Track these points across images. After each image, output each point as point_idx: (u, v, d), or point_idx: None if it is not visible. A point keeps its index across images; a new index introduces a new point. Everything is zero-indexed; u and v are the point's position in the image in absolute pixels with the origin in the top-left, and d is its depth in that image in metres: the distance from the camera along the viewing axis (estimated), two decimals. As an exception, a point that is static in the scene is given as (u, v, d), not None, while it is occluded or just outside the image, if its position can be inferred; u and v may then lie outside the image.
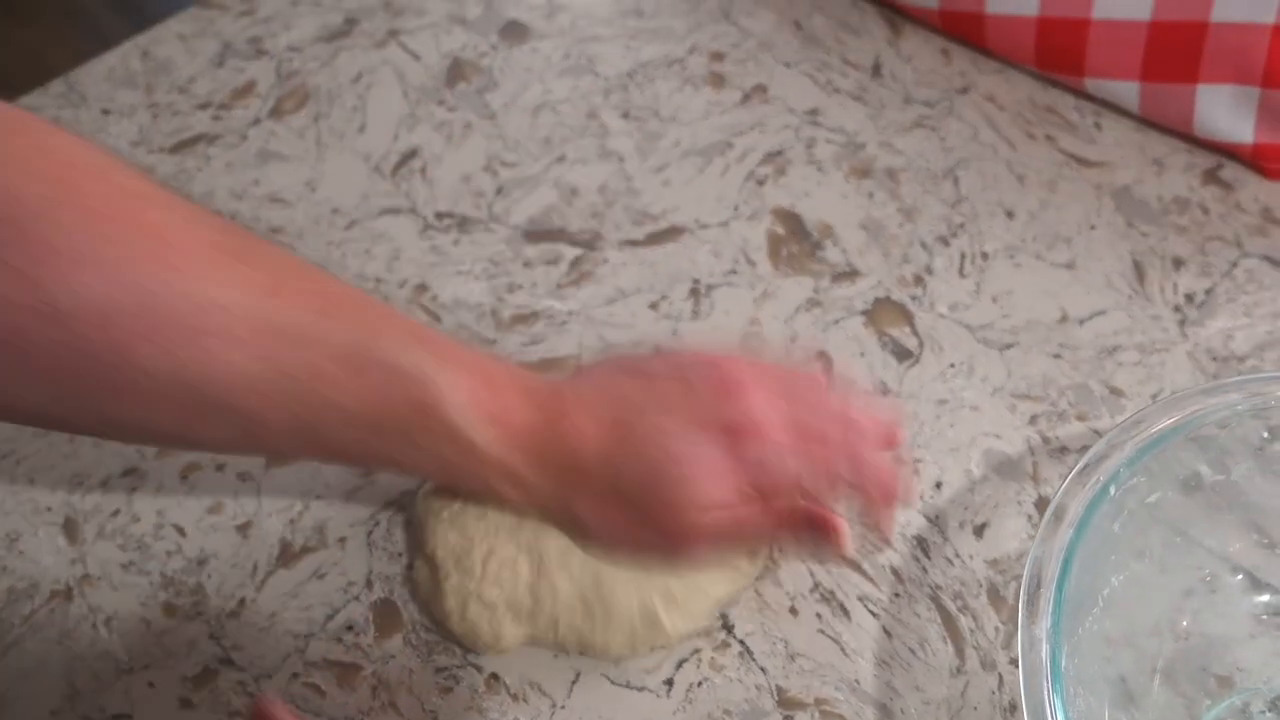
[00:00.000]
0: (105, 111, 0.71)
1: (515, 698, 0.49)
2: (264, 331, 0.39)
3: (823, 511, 0.45)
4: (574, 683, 0.49)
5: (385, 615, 0.51)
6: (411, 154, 0.68)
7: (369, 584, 0.52)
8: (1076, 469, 0.42)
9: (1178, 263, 0.61)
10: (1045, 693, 0.36)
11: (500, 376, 0.44)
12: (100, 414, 0.40)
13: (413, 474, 0.48)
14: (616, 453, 0.42)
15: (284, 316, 0.40)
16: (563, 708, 0.49)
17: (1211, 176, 0.64)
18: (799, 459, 0.42)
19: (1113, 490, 0.41)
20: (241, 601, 0.52)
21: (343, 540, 0.53)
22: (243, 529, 0.54)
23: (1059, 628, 0.38)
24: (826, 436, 0.43)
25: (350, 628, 0.51)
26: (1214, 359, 0.57)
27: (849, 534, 0.45)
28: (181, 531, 0.54)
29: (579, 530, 0.45)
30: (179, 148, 0.69)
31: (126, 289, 0.37)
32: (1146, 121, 0.66)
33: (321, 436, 0.42)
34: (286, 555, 0.53)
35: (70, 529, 0.54)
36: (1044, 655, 0.37)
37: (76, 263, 0.36)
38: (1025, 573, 0.40)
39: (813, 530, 0.45)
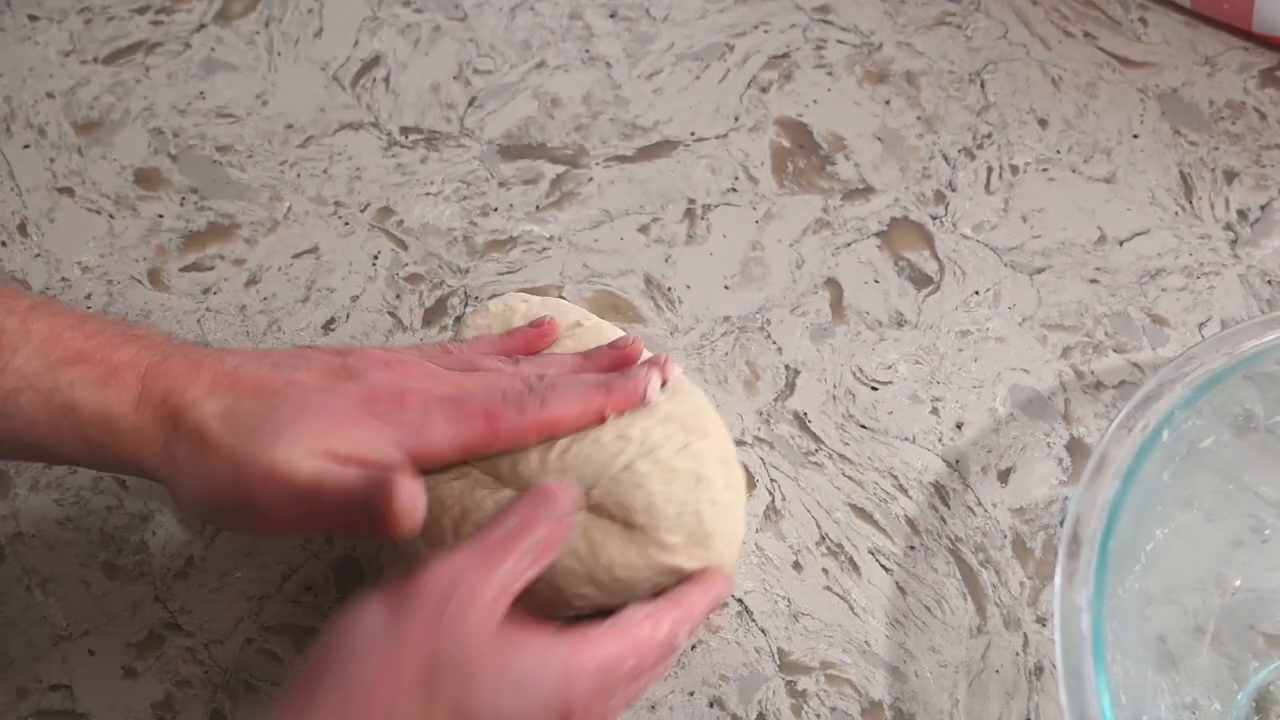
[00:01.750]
0: (32, 17, 0.67)
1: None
2: None
3: (378, 475, 0.38)
4: (555, 647, 0.47)
5: (348, 574, 0.49)
6: (374, 61, 0.64)
7: (329, 540, 0.50)
8: (1123, 413, 0.39)
9: (1230, 175, 0.57)
10: (1087, 669, 0.34)
11: (97, 322, 0.42)
12: None
13: (30, 456, 0.44)
14: (232, 394, 0.40)
15: None
16: (543, 675, 0.47)
17: (1270, 78, 0.60)
18: (445, 413, 0.41)
19: (1165, 435, 0.38)
20: (189, 561, 0.50)
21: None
22: (190, 481, 0.52)
23: (1102, 592, 0.36)
24: (476, 397, 0.42)
25: (309, 588, 0.49)
26: (1269, 282, 0.54)
27: (409, 502, 0.38)
28: (123, 484, 0.52)
29: (169, 482, 0.41)
30: (115, 57, 0.65)
31: None
32: (1198, 15, 0.62)
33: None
34: (238, 509, 0.51)
35: (1, 482, 0.52)
36: (1085, 626, 0.35)
37: None
38: (1064, 532, 0.37)
39: (367, 505, 0.38)
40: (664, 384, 0.44)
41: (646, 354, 0.46)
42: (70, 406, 0.39)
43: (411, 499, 0.37)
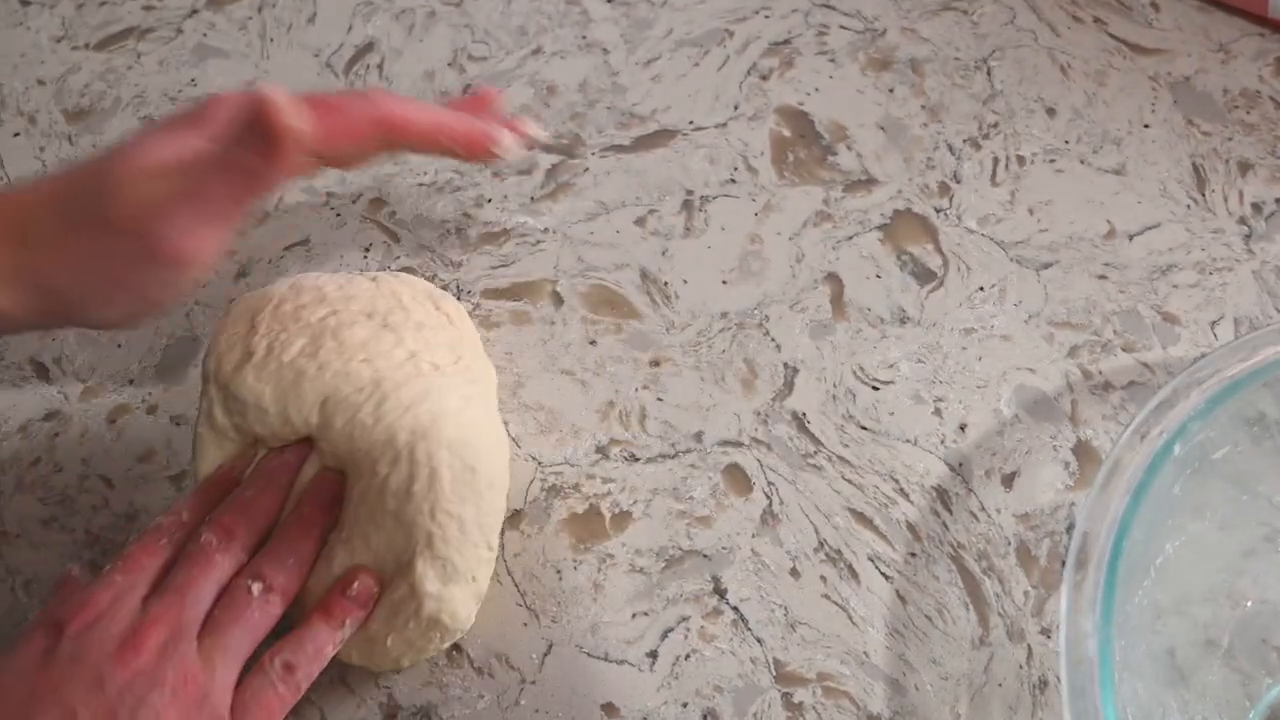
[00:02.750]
0: (24, 2, 0.64)
1: (480, 671, 0.44)
2: None
3: (251, 95, 0.37)
4: (545, 655, 0.45)
5: (335, 578, 0.46)
6: (367, 47, 0.61)
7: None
8: (1136, 421, 0.36)
9: (1244, 167, 0.54)
10: (1093, 695, 0.31)
11: None
12: None
13: None
14: (60, 184, 0.38)
15: None
16: (533, 683, 0.44)
17: (1286, 65, 0.56)
18: (257, 99, 0.37)
19: (1178, 448, 0.35)
20: (174, 563, 0.47)
21: (287, 493, 0.48)
22: (176, 480, 0.49)
23: (1109, 614, 0.33)
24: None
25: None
26: (1283, 279, 0.51)
27: (286, 102, 0.36)
28: (109, 483, 0.49)
29: (64, 302, 0.39)
30: (107, 43, 0.62)
31: None
32: (1212, 1, 0.58)
33: None
34: (224, 510, 0.48)
35: (-16, 481, 0.49)
36: (1092, 650, 0.32)
37: None
38: (1070, 549, 0.34)
39: (251, 121, 0.36)
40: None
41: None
42: None
43: (289, 101, 0.36)
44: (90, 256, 0.38)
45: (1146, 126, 0.55)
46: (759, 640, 0.44)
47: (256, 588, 0.40)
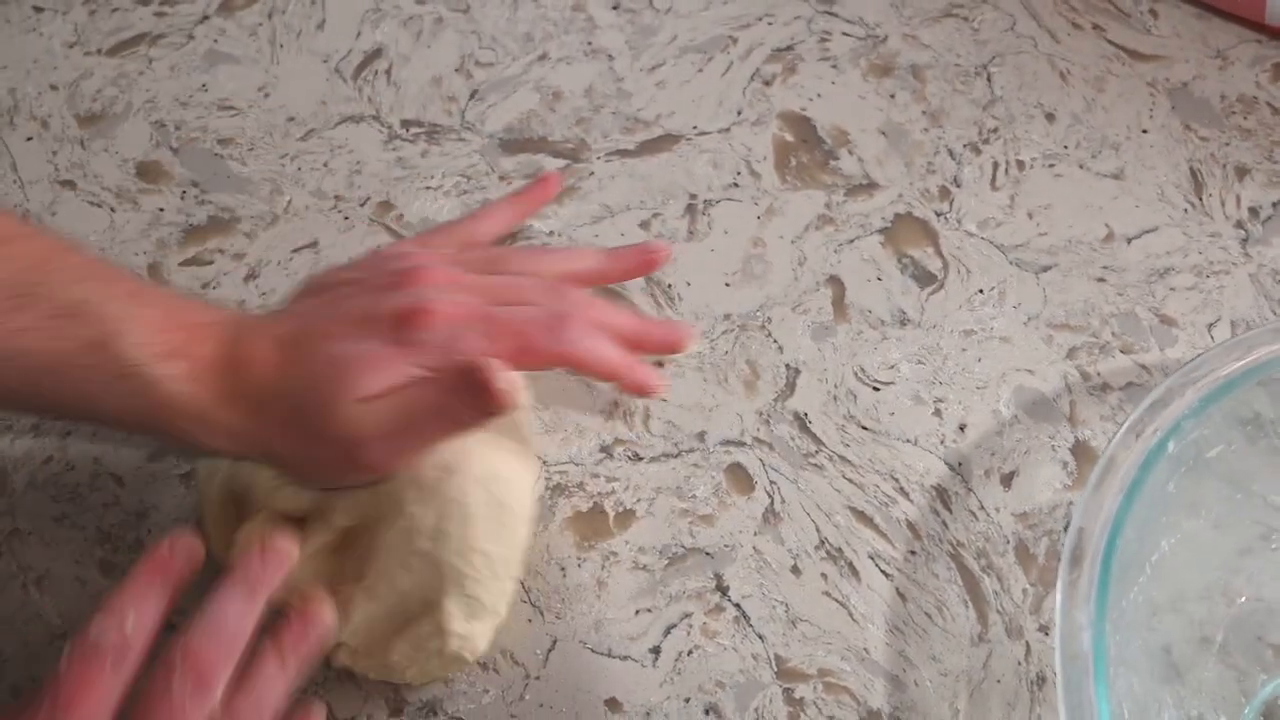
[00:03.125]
0: (38, 9, 0.65)
1: (485, 667, 0.45)
2: None
3: (469, 364, 0.39)
4: (550, 650, 0.45)
5: (342, 575, 0.47)
6: (376, 54, 0.62)
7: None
8: (1131, 419, 0.37)
9: (1241, 172, 0.54)
10: (1087, 689, 0.32)
11: (184, 309, 0.42)
12: None
13: (114, 426, 0.44)
14: (287, 373, 0.41)
15: None
16: (537, 678, 0.45)
17: (1283, 71, 0.57)
18: (478, 332, 0.40)
19: (1171, 446, 0.36)
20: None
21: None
22: (186, 479, 0.50)
23: (1104, 609, 0.33)
24: (519, 306, 0.42)
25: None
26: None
27: (502, 385, 0.38)
28: (120, 481, 0.50)
29: (280, 464, 0.42)
30: (119, 49, 0.63)
31: None
32: (1210, 8, 0.59)
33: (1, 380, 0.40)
34: (234, 508, 0.49)
35: (-3, 479, 0.50)
36: (1086, 644, 0.33)
37: None
38: (1065, 545, 0.35)
39: (466, 390, 0.39)
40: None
41: None
42: (167, 400, 0.40)
43: (506, 372, 0.38)
44: (304, 447, 0.41)
45: (1145, 132, 0.56)
46: (760, 636, 0.45)
47: None
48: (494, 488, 0.42)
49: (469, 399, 0.38)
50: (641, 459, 0.49)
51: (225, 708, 0.35)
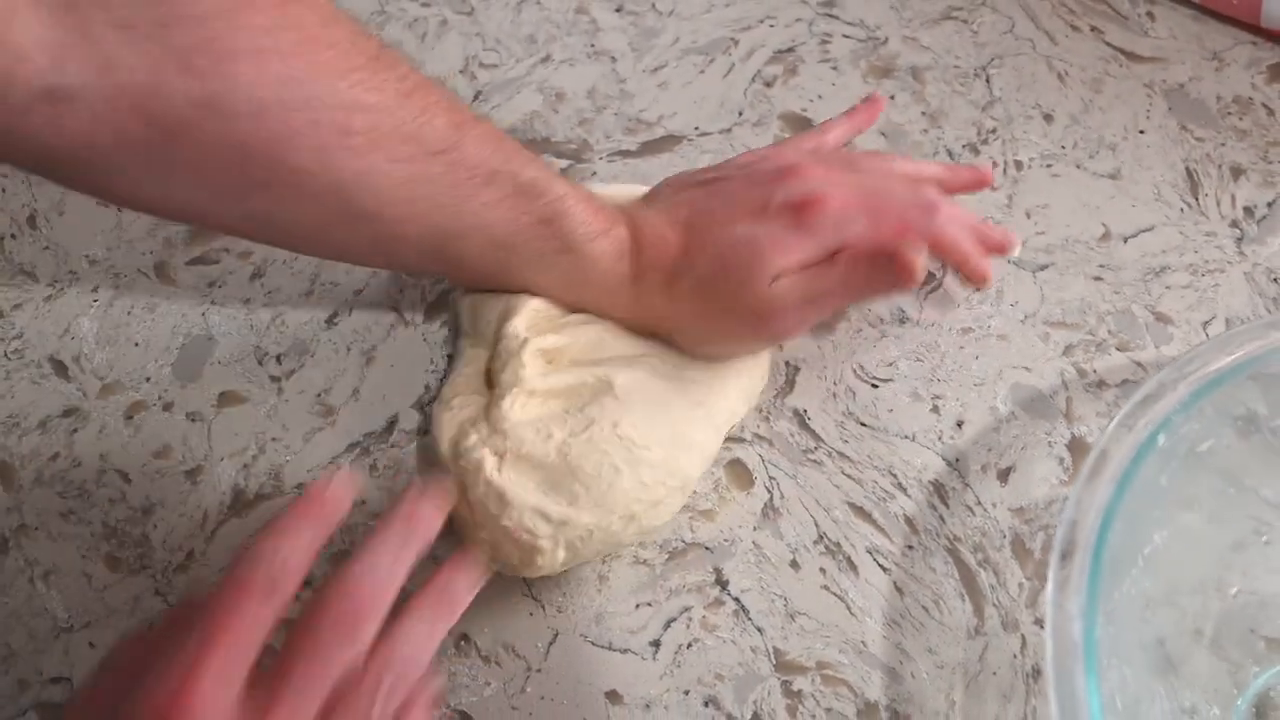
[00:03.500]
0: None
1: (487, 660, 0.46)
2: (406, 138, 0.42)
3: (885, 245, 0.44)
4: (551, 644, 0.46)
5: (346, 569, 0.48)
6: (380, 55, 0.62)
7: (330, 535, 0.48)
8: (1122, 412, 0.37)
9: (1236, 172, 0.55)
10: (1077, 677, 0.32)
11: (596, 200, 0.47)
12: (249, 210, 0.43)
13: (533, 289, 0.48)
14: (692, 253, 0.46)
15: (421, 124, 0.42)
16: (539, 671, 0.45)
17: (1278, 73, 0.58)
18: (865, 217, 0.45)
19: (1161, 439, 0.36)
20: (190, 554, 0.49)
21: (301, 487, 0.50)
22: (192, 474, 0.50)
23: (1095, 599, 0.34)
24: (893, 195, 0.46)
25: (308, 583, 0.47)
26: (1275, 280, 0.52)
27: (917, 258, 0.42)
28: (125, 477, 0.51)
29: (678, 332, 0.47)
30: (126, 51, 0.63)
31: (279, 81, 0.39)
32: (1206, 10, 0.60)
33: (451, 251, 0.45)
34: (239, 503, 0.50)
35: (5, 474, 0.51)
36: (1076, 633, 0.33)
37: (230, 54, 0.38)
38: (1057, 536, 0.35)
39: (881, 265, 0.44)
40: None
41: None
42: (600, 273, 0.46)
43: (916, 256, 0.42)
44: (713, 320, 0.46)
45: (1141, 132, 0.57)
46: (759, 630, 0.46)
47: (384, 707, 0.34)
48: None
49: (884, 278, 0.44)
50: (642, 455, 0.50)
51: (370, 658, 0.34)
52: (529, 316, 0.47)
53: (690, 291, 0.46)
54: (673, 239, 0.46)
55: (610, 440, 0.44)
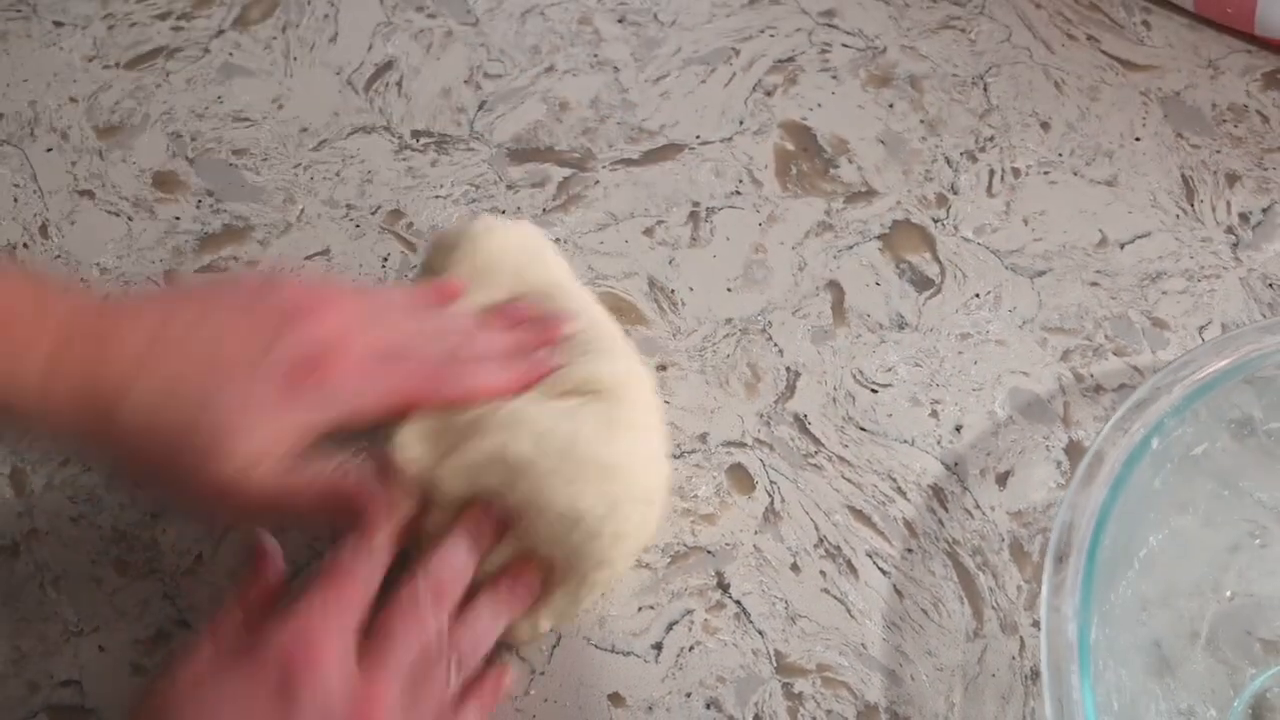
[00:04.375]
0: (58, 24, 0.66)
1: (491, 663, 0.46)
2: None
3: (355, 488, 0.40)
4: (554, 647, 0.46)
5: (353, 572, 0.48)
6: (387, 66, 0.63)
7: (335, 538, 0.49)
8: (1117, 416, 0.38)
9: (1232, 178, 0.55)
10: (1072, 677, 0.32)
11: (25, 292, 0.38)
12: None
13: None
14: (154, 383, 0.37)
15: None
16: (542, 674, 0.45)
17: (1273, 80, 0.58)
18: (383, 375, 0.40)
19: (1155, 443, 0.37)
20: (199, 558, 0.49)
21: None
22: (201, 479, 0.51)
23: (1089, 600, 0.34)
24: (421, 353, 0.41)
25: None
26: (1270, 286, 0.52)
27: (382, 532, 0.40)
28: (135, 483, 0.51)
29: (113, 467, 0.41)
30: (136, 62, 0.64)
31: None
32: (1201, 19, 0.60)
33: None
34: (247, 507, 0.50)
35: (17, 480, 0.51)
36: (1071, 634, 0.33)
37: None
38: (1052, 539, 0.35)
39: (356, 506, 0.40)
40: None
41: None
42: None
43: (393, 501, 0.41)
44: (160, 479, 0.40)
45: (1137, 140, 0.57)
46: (760, 633, 0.46)
47: (455, 679, 0.40)
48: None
49: (356, 511, 0.40)
50: (644, 459, 0.50)
51: (449, 633, 0.40)
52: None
53: (138, 427, 0.37)
54: (128, 349, 0.37)
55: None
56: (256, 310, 0.39)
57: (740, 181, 0.57)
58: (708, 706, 0.45)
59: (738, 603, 0.46)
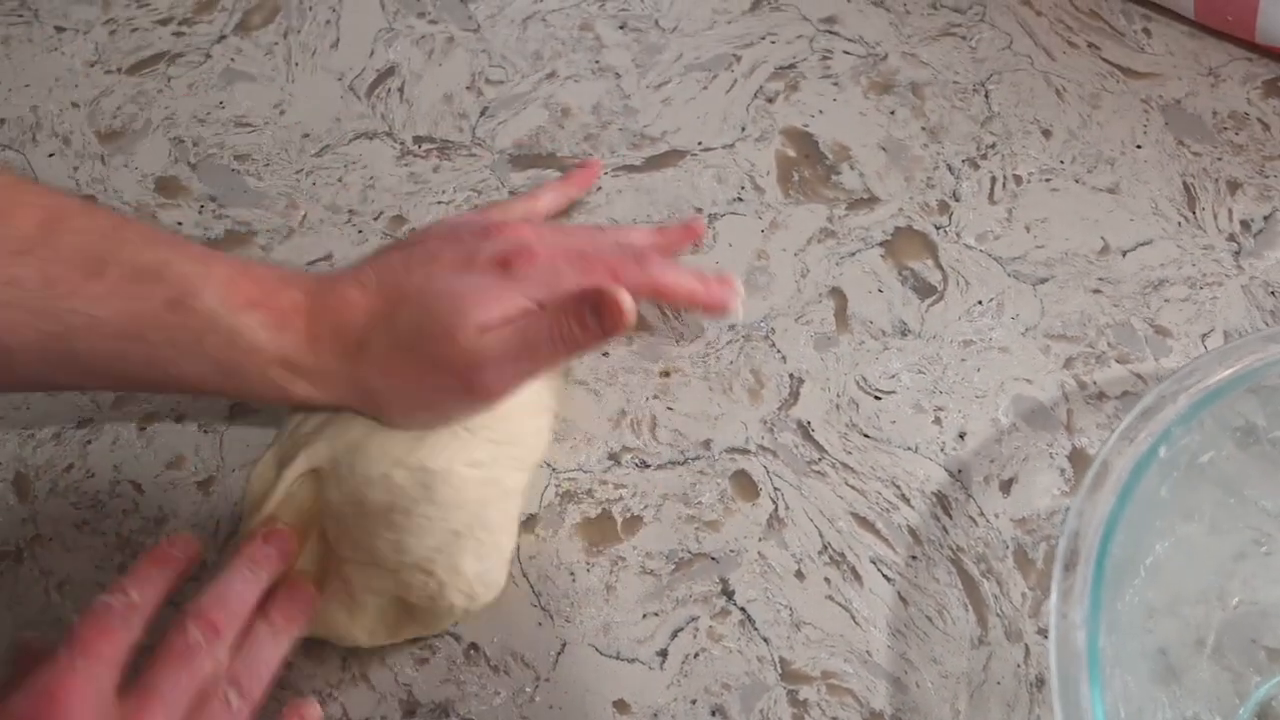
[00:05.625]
0: (59, 29, 0.66)
1: (496, 669, 0.46)
2: None
3: (593, 286, 0.41)
4: (559, 653, 0.46)
5: (356, 579, 0.48)
6: (389, 71, 0.63)
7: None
8: (1123, 425, 0.37)
9: (1233, 186, 0.55)
10: (1081, 685, 0.32)
11: (257, 267, 0.43)
12: None
13: (196, 389, 0.43)
14: (389, 309, 0.42)
15: (4, 230, 0.39)
16: (547, 680, 0.45)
17: (1273, 88, 0.58)
18: (573, 268, 0.43)
19: (1162, 451, 0.36)
20: (202, 565, 0.48)
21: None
22: (204, 485, 0.50)
23: (1098, 609, 0.34)
24: (604, 250, 0.44)
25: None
26: (1272, 293, 0.52)
27: (624, 297, 0.40)
28: (139, 488, 0.51)
29: (375, 404, 0.43)
30: (138, 68, 0.64)
31: None
32: (1202, 27, 0.60)
33: (78, 354, 0.40)
34: (251, 514, 0.49)
35: (20, 485, 0.51)
36: (1080, 643, 0.33)
37: None
38: (1060, 547, 0.35)
39: (593, 308, 0.41)
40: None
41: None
42: (254, 349, 0.41)
43: (626, 295, 0.40)
44: (413, 381, 0.42)
45: (1139, 147, 0.57)
46: (765, 640, 0.46)
47: (235, 700, 0.38)
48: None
49: (593, 321, 0.40)
50: (649, 466, 0.50)
51: (227, 669, 0.38)
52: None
53: (387, 353, 0.41)
54: (359, 299, 0.42)
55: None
56: (459, 234, 0.44)
57: (742, 188, 0.57)
58: (713, 713, 0.44)
59: (742, 609, 0.46)
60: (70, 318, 0.39)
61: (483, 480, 0.44)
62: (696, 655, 0.45)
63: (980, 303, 0.53)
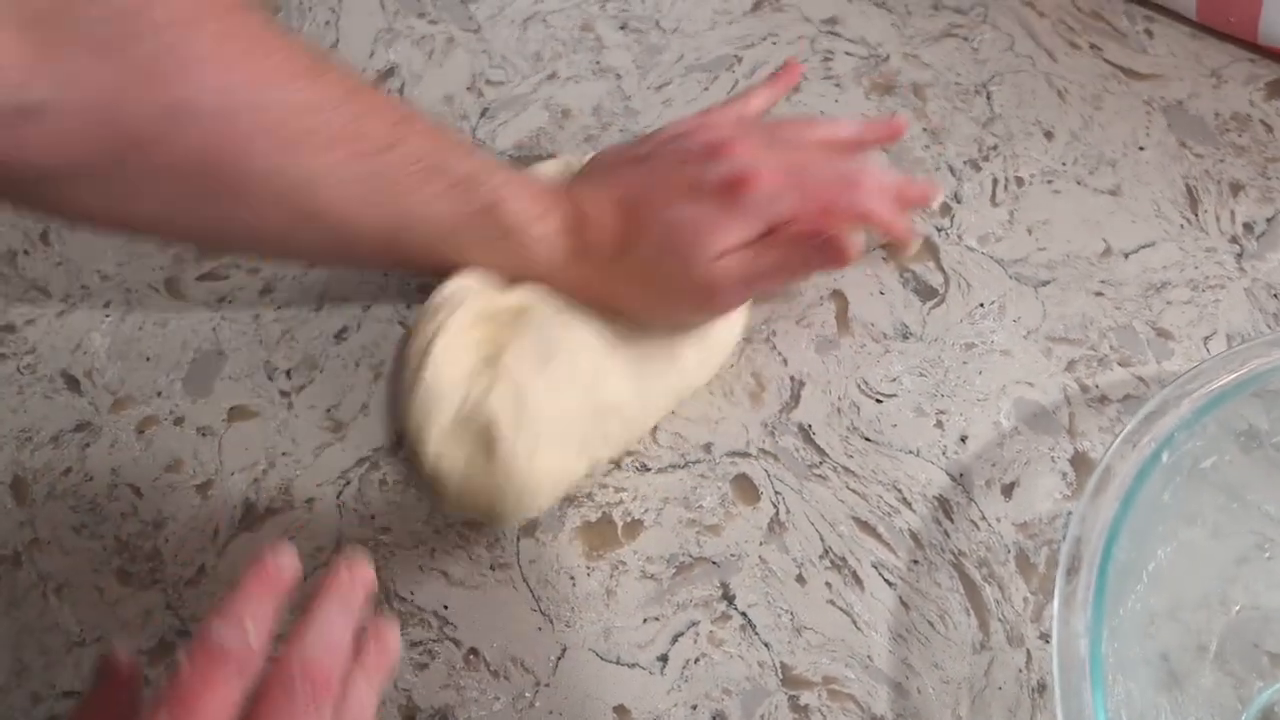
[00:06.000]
0: (58, 29, 0.65)
1: (496, 674, 0.45)
2: (352, 136, 0.44)
3: (820, 227, 0.45)
4: (559, 658, 0.46)
5: (356, 583, 0.47)
6: (389, 72, 0.62)
7: (339, 548, 0.48)
8: (1126, 429, 0.37)
9: (1236, 188, 0.55)
10: (1084, 693, 0.32)
11: (534, 183, 0.50)
12: (215, 218, 0.45)
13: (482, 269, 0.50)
14: (633, 234, 0.47)
15: (364, 123, 0.45)
16: (547, 685, 0.45)
17: (1276, 90, 0.58)
18: (792, 194, 0.46)
19: (1165, 456, 0.36)
20: (201, 568, 0.48)
21: (310, 501, 0.50)
22: (202, 489, 0.50)
23: (1101, 615, 0.34)
24: (817, 170, 0.48)
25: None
26: (1275, 296, 0.52)
27: (850, 244, 0.44)
28: (137, 492, 0.50)
29: (624, 306, 0.49)
30: (137, 68, 0.63)
31: (235, 87, 0.41)
32: (1204, 28, 0.60)
33: (402, 242, 0.47)
34: (250, 517, 0.49)
35: (18, 489, 0.51)
36: (1083, 650, 0.33)
37: (189, 62, 0.40)
38: (1062, 553, 0.35)
39: (819, 247, 0.45)
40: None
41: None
42: (538, 253, 0.48)
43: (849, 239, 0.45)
44: (654, 297, 0.48)
45: (1141, 149, 0.56)
46: (766, 644, 0.45)
47: None
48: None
49: (818, 259, 0.46)
50: (649, 470, 0.50)
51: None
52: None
53: (634, 270, 0.47)
54: (612, 219, 0.47)
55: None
56: (688, 152, 0.48)
57: (744, 190, 0.57)
58: (713, 718, 0.44)
59: (743, 614, 0.46)
60: (412, 212, 0.46)
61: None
62: (697, 660, 0.45)
63: (982, 305, 0.53)
